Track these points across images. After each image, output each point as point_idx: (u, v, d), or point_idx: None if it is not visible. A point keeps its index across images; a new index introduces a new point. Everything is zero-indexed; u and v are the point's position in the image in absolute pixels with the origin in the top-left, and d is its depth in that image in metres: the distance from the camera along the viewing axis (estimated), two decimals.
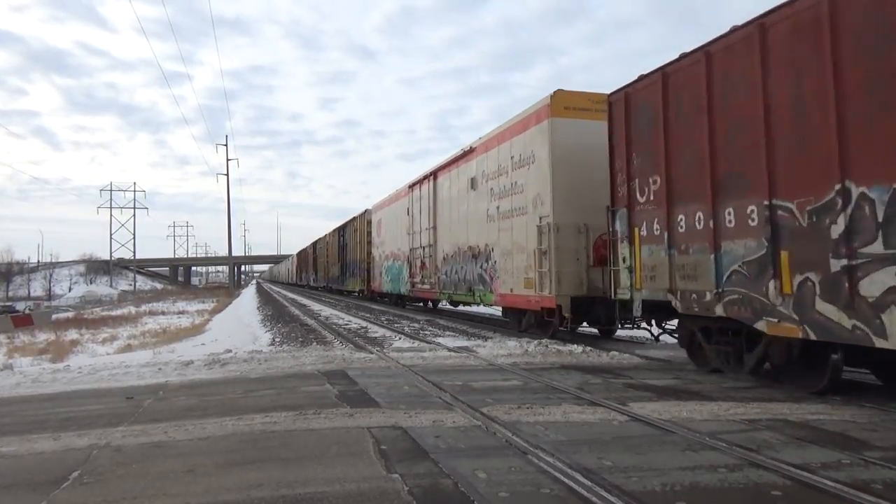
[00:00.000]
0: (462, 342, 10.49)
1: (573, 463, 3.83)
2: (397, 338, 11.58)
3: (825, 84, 5.35)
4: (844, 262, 5.13)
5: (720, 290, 6.55)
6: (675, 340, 8.15)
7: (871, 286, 4.92)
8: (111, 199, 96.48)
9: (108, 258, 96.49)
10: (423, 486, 3.51)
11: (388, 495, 3.37)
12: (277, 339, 11.87)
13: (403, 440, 4.46)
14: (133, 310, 36.20)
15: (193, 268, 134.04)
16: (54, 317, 29.02)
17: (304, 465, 3.92)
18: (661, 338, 8.70)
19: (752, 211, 6.14)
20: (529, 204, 10.96)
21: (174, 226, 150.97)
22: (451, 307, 19.92)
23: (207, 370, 8.00)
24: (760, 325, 6.04)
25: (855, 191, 5.08)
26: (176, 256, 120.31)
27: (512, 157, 11.70)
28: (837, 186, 5.21)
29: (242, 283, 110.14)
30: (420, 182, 17.99)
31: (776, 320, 5.85)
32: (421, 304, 21.78)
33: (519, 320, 12.22)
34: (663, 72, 7.45)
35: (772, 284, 5.87)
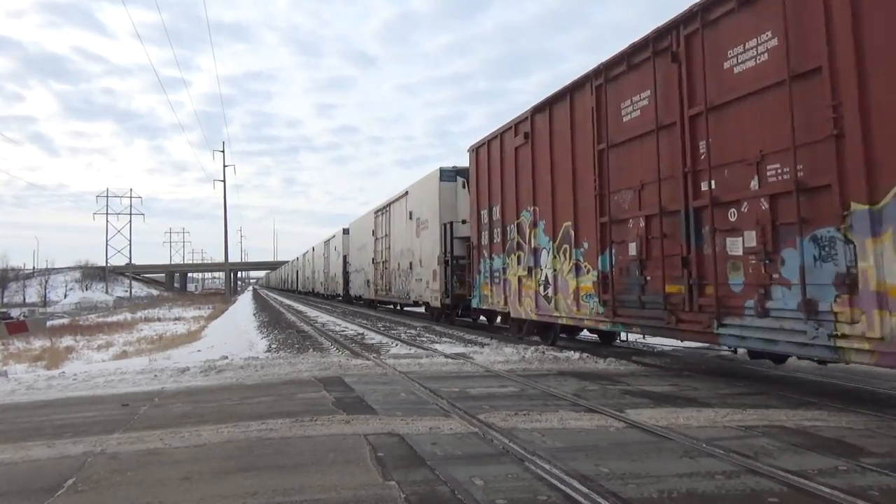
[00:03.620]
0: (459, 348, 10.47)
1: (570, 470, 3.82)
2: (394, 344, 11.56)
3: None
4: None
5: None
6: (674, 347, 8.16)
7: None
8: (107, 205, 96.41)
9: (104, 265, 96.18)
10: (419, 493, 3.50)
11: (385, 503, 3.36)
12: (274, 346, 11.84)
13: (400, 447, 4.45)
14: (129, 316, 36.11)
15: (189, 274, 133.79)
16: (49, 323, 28.88)
17: (301, 473, 3.90)
18: (657, 345, 8.68)
19: None
20: None
21: (170, 232, 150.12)
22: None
23: (203, 377, 7.98)
24: None
25: None
26: (172, 263, 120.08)
27: None
28: None
29: (239, 289, 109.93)
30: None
31: None
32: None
33: None
34: None
35: None
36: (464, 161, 14.07)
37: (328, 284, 37.50)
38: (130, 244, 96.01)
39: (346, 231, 32.25)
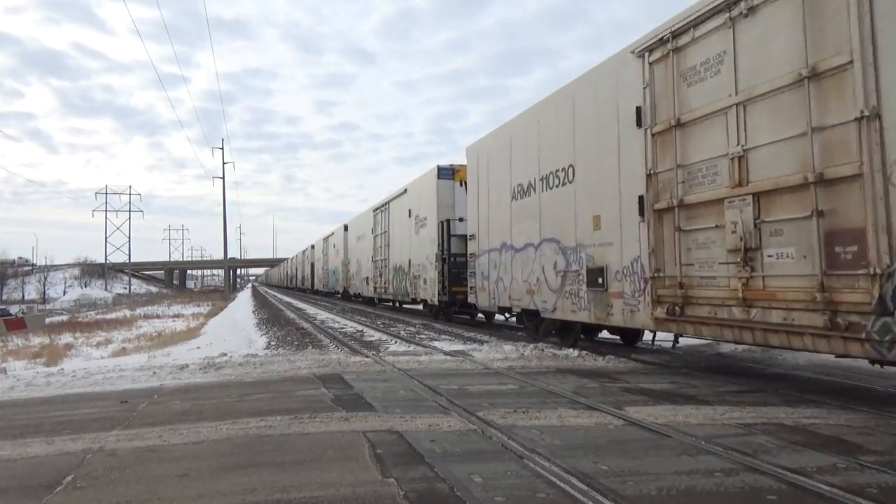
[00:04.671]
0: (458, 346, 10.47)
1: (569, 467, 3.82)
2: (393, 342, 11.56)
3: None
4: None
5: None
6: (672, 345, 8.18)
7: None
8: (106, 202, 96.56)
9: (104, 261, 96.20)
10: (418, 490, 3.49)
11: (384, 500, 3.36)
12: (273, 343, 11.84)
13: (399, 444, 4.45)
14: (128, 313, 36.14)
15: (189, 271, 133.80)
16: (48, 320, 28.91)
17: (299, 470, 3.90)
18: (657, 342, 8.70)
19: None
20: None
21: (170, 229, 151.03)
22: None
23: (202, 374, 7.97)
24: None
25: None
26: (171, 260, 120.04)
27: None
28: None
29: (238, 286, 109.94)
30: None
31: None
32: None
33: None
34: None
35: None
36: None
37: (390, 282, 20.68)
38: (130, 241, 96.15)
39: (447, 172, 16.15)
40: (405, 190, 19.41)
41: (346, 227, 30.11)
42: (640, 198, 7.56)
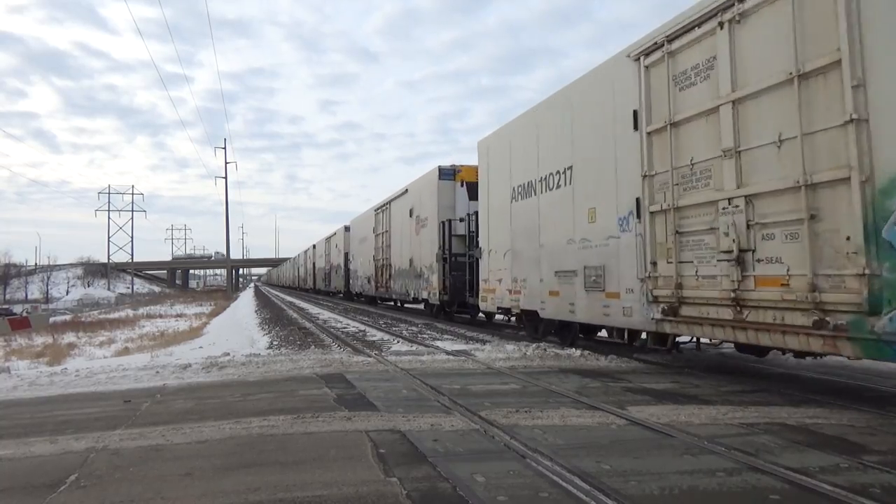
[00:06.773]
0: (460, 346, 10.48)
1: (572, 467, 3.83)
2: (395, 341, 11.56)
3: None
4: None
5: None
6: (674, 346, 8.18)
7: None
8: (109, 201, 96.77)
9: (106, 261, 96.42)
10: (421, 489, 3.50)
11: (387, 499, 3.36)
12: (275, 343, 11.85)
13: (402, 444, 4.45)
14: (130, 313, 36.19)
15: (191, 271, 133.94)
16: (51, 320, 28.98)
17: (302, 469, 3.91)
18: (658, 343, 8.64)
19: None
20: None
21: (172, 229, 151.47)
22: None
23: (205, 373, 7.99)
24: None
25: None
26: (174, 259, 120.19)
27: None
28: None
29: (240, 286, 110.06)
30: None
31: None
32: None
33: None
34: None
35: None
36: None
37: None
38: (132, 241, 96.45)
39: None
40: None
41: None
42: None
